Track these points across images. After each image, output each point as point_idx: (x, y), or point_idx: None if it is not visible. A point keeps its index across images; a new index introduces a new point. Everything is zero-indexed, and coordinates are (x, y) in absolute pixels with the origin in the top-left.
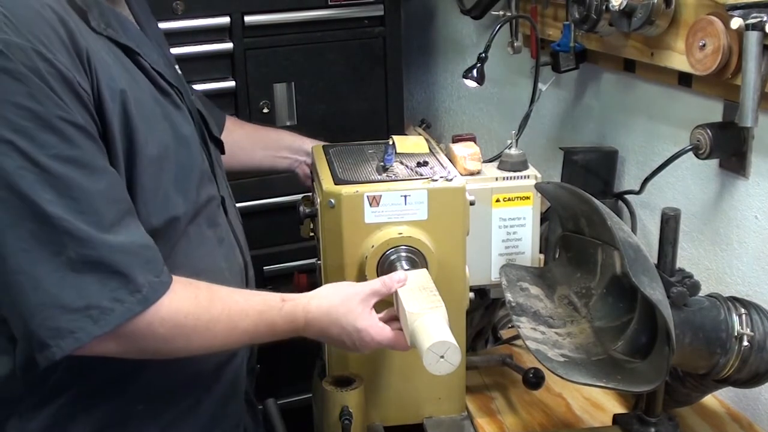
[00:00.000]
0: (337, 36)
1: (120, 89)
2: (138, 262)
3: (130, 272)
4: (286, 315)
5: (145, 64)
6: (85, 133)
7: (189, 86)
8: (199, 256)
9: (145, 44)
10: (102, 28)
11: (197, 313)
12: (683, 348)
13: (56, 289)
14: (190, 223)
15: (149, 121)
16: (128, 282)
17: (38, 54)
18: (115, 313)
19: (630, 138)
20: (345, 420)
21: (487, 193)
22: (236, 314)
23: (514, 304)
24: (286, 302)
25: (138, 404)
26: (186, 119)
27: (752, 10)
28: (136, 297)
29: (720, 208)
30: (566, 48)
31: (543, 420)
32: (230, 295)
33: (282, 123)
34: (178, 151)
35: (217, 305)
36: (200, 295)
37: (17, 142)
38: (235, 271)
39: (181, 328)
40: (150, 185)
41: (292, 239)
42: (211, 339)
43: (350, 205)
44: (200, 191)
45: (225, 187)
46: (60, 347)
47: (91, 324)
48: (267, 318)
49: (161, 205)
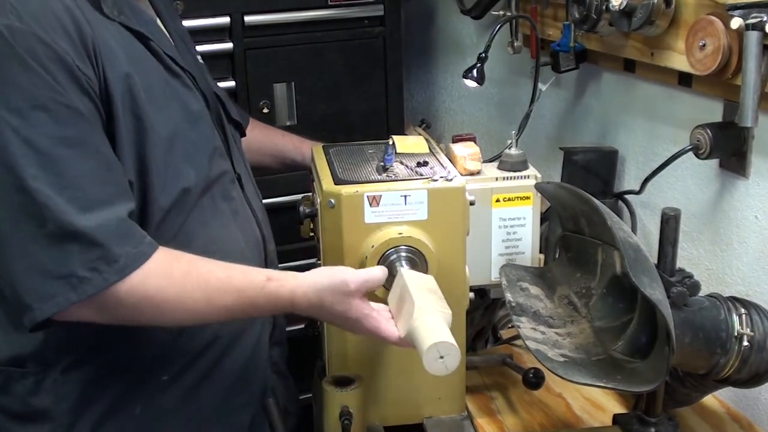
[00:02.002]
0: (337, 36)
1: (125, 73)
2: (115, 234)
3: (107, 243)
4: (269, 295)
5: (157, 48)
6: (79, 115)
7: (210, 77)
8: (214, 226)
9: (157, 31)
10: (114, 14)
11: (168, 287)
12: (683, 348)
13: (39, 257)
14: (203, 195)
15: (159, 102)
16: (106, 253)
17: (38, 38)
18: (93, 282)
19: (630, 138)
20: (345, 420)
21: (487, 193)
22: (213, 290)
23: (514, 304)
24: (271, 281)
25: (162, 374)
26: (196, 98)
27: (752, 10)
28: (113, 267)
29: (720, 208)
30: (566, 48)
31: (543, 420)
32: (211, 271)
33: (282, 123)
34: (189, 128)
35: (193, 279)
36: (176, 269)
37: (10, 120)
38: (252, 243)
39: (150, 299)
40: (162, 162)
41: (292, 239)
42: (183, 312)
43: (350, 205)
44: (212, 165)
45: (243, 165)
46: (42, 310)
47: (70, 290)
48: (247, 297)
49: (173, 179)
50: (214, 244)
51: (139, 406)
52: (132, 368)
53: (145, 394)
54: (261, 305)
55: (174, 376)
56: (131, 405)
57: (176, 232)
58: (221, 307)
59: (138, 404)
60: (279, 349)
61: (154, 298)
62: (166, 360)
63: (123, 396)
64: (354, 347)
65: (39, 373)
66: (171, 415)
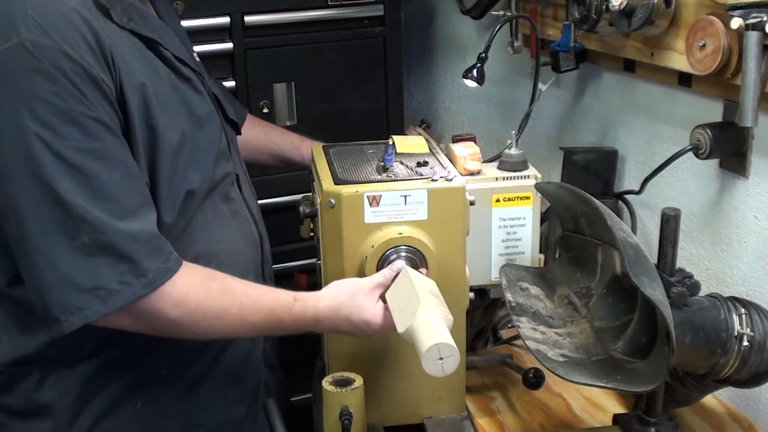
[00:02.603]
0: (337, 36)
1: (141, 83)
2: (146, 249)
3: (137, 258)
4: (296, 314)
5: (166, 53)
6: (106, 128)
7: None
8: (215, 228)
9: (166, 34)
10: (124, 22)
11: (208, 303)
12: (683, 348)
13: (69, 270)
14: (206, 198)
15: (168, 110)
16: (135, 267)
17: (64, 54)
18: (121, 294)
19: (630, 138)
20: (345, 420)
21: (487, 193)
22: (247, 308)
23: (514, 304)
24: (297, 302)
25: (163, 369)
26: (204, 101)
27: (752, 10)
28: (142, 281)
29: (720, 208)
30: (566, 48)
31: (543, 420)
32: (244, 290)
33: (282, 123)
34: (196, 132)
35: (229, 297)
36: (213, 287)
37: (42, 134)
38: (250, 242)
39: (191, 315)
40: (169, 168)
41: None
42: (218, 328)
43: (350, 205)
44: (216, 168)
45: (240, 165)
46: (69, 322)
47: (99, 303)
48: (277, 315)
49: (178, 184)
50: (215, 245)
51: (139, 401)
52: (134, 364)
53: (146, 389)
54: (288, 324)
55: (174, 371)
56: (132, 400)
57: (179, 234)
58: (252, 325)
59: (139, 399)
60: (270, 342)
61: (195, 313)
62: (168, 356)
63: (125, 391)
64: (354, 347)
65: (43, 371)
66: (170, 410)
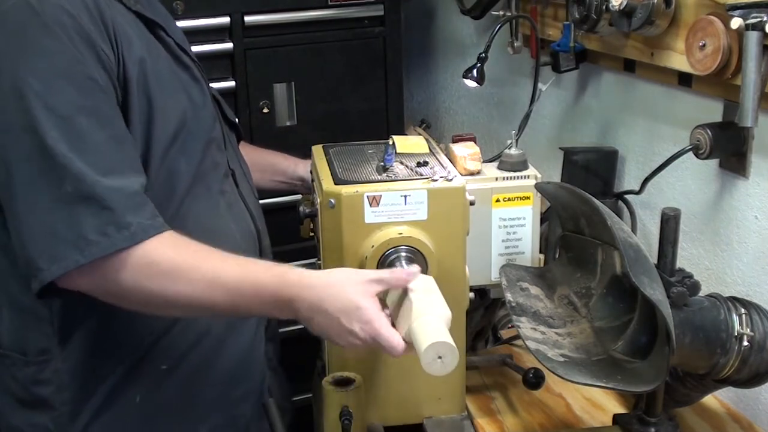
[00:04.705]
0: (337, 36)
1: (140, 57)
2: (130, 203)
3: (119, 210)
4: (276, 276)
5: (168, 39)
6: (98, 86)
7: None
8: (209, 216)
9: (171, 22)
10: (132, 3)
11: (178, 259)
12: (683, 348)
13: (51, 218)
14: (196, 183)
15: (167, 90)
16: (117, 218)
17: (64, 10)
18: (100, 246)
19: (630, 138)
20: (345, 420)
21: (487, 193)
22: (219, 264)
23: (514, 304)
24: (279, 265)
25: (160, 364)
26: (202, 90)
27: (752, 10)
28: (123, 234)
29: (720, 208)
30: (566, 48)
31: (543, 420)
32: (219, 251)
33: (282, 123)
34: (191, 116)
35: (202, 254)
36: (188, 246)
37: (35, 86)
38: (247, 235)
39: (157, 266)
40: (163, 147)
41: (292, 239)
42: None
43: (350, 205)
44: (206, 154)
45: (238, 163)
46: (50, 271)
47: (78, 253)
48: (253, 274)
49: (167, 162)
50: (210, 233)
51: (138, 395)
52: (129, 358)
53: (144, 383)
54: (266, 286)
55: (171, 366)
56: (131, 394)
57: (169, 220)
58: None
59: (138, 393)
60: (273, 345)
61: (160, 265)
62: (162, 350)
63: (122, 385)
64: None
65: (40, 363)
66: (171, 405)
